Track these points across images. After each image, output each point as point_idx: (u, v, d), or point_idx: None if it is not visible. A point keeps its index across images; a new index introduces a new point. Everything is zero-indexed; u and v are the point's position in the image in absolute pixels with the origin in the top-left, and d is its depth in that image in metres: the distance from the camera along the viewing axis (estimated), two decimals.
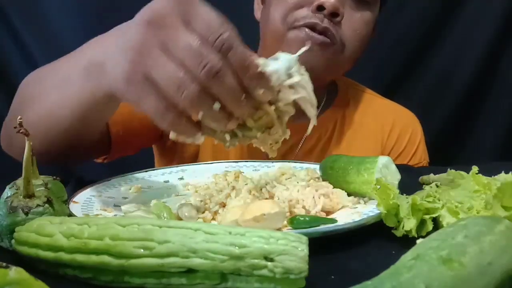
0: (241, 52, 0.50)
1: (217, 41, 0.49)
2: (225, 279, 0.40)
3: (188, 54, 0.49)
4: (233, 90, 0.50)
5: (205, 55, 0.49)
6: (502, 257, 0.37)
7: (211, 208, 0.60)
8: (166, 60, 0.49)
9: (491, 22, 1.44)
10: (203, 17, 0.50)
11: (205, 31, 0.50)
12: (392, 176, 0.62)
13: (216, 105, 0.50)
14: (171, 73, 0.49)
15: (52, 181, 0.55)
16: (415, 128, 1.09)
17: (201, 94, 0.49)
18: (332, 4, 0.87)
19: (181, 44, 0.49)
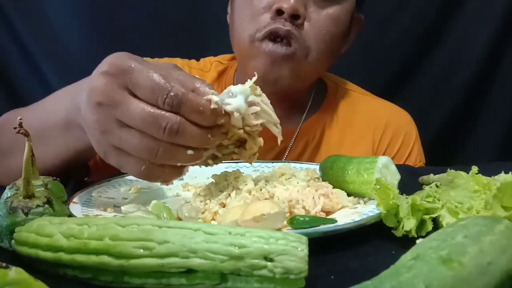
0: (191, 100, 0.53)
1: (166, 101, 0.52)
2: (225, 279, 0.40)
3: (146, 123, 0.52)
4: (199, 136, 0.54)
5: (161, 119, 0.52)
6: (502, 257, 0.37)
7: (211, 209, 0.60)
8: (128, 134, 0.53)
9: (491, 22, 1.44)
10: (145, 83, 0.52)
11: (151, 95, 0.52)
12: (392, 176, 0.62)
13: (189, 151, 0.55)
14: (138, 143, 0.53)
15: (52, 181, 0.55)
16: (409, 130, 1.06)
17: (172, 149, 0.54)
18: (291, 6, 0.85)
19: (135, 115, 0.52)
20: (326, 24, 0.90)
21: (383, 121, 1.05)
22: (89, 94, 0.55)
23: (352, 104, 1.07)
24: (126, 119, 0.53)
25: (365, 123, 1.04)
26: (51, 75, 1.47)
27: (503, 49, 1.46)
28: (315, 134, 1.02)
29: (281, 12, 0.85)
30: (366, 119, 1.05)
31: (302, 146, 1.01)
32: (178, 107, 0.52)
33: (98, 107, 0.54)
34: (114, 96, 0.53)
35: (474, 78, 1.48)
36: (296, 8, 0.85)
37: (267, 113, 0.61)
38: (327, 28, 0.90)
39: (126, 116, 0.53)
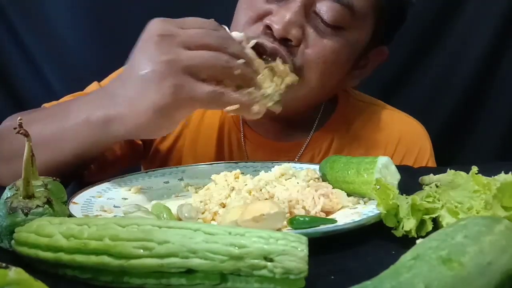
0: (232, 40, 0.66)
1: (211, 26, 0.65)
2: (225, 279, 0.40)
3: (197, 36, 0.63)
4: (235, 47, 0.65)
5: (214, 31, 0.64)
6: (501, 257, 0.37)
7: (211, 209, 0.60)
8: (195, 52, 0.62)
9: (491, 22, 1.44)
10: (190, 22, 0.66)
11: (199, 25, 0.65)
12: (392, 177, 0.62)
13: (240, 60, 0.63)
14: (208, 57, 0.62)
15: (51, 182, 0.55)
16: (423, 145, 0.99)
17: (230, 60, 0.62)
18: (281, 29, 0.75)
19: (196, 35, 0.63)
20: (324, 54, 0.80)
21: (395, 136, 0.98)
22: (147, 35, 0.64)
23: (363, 116, 1.00)
24: (189, 41, 0.62)
25: (377, 137, 0.97)
26: (51, 75, 1.47)
27: (503, 49, 1.46)
28: (321, 148, 0.97)
29: (271, 29, 0.77)
30: (378, 133, 0.98)
31: (308, 159, 0.96)
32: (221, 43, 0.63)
33: (160, 39, 0.62)
34: (172, 29, 0.63)
35: (474, 78, 1.48)
36: (287, 30, 0.76)
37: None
38: (324, 58, 0.80)
39: (189, 38, 0.62)
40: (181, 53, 0.61)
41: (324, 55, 0.80)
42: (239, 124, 0.98)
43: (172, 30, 0.63)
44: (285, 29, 0.76)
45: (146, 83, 0.62)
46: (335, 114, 0.99)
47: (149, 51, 0.63)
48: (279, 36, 0.76)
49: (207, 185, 0.67)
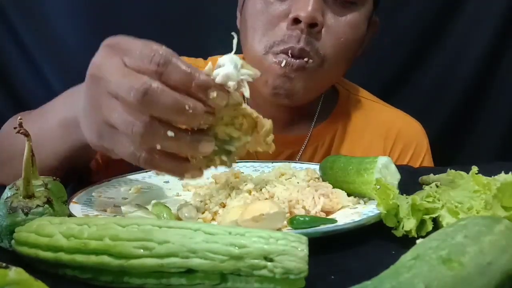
0: (179, 64, 0.48)
1: (151, 62, 0.48)
2: (225, 279, 0.40)
3: (122, 87, 0.48)
4: (174, 103, 0.48)
5: (133, 81, 0.48)
6: (501, 257, 0.37)
7: (211, 209, 0.60)
8: (113, 102, 0.50)
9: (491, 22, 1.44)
10: (134, 48, 0.50)
11: (138, 58, 0.49)
12: (392, 176, 0.62)
13: (169, 132, 0.48)
14: (119, 115, 0.49)
15: (52, 181, 0.55)
16: (420, 140, 1.03)
17: (148, 126, 0.48)
18: (308, 15, 0.81)
19: (117, 81, 0.49)
20: (344, 31, 0.86)
21: (394, 131, 1.02)
22: (88, 71, 0.54)
23: (363, 112, 1.04)
24: (111, 88, 0.50)
25: (376, 132, 1.02)
26: (51, 75, 1.47)
27: (503, 49, 1.46)
28: (324, 141, 1.00)
29: (298, 21, 0.82)
30: (377, 129, 1.02)
31: (311, 152, 0.99)
32: (163, 68, 0.48)
33: (91, 80, 0.52)
34: (106, 67, 0.51)
35: (474, 78, 1.48)
36: (314, 16, 0.82)
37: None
38: (345, 36, 0.87)
39: (112, 84, 0.49)
40: (103, 101, 0.51)
41: (345, 33, 0.86)
42: None
43: (107, 69, 0.51)
44: (311, 16, 0.81)
45: (83, 111, 0.56)
46: (337, 108, 1.03)
47: (85, 85, 0.54)
48: (307, 23, 0.81)
49: (207, 185, 0.67)
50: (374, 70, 1.47)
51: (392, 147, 1.01)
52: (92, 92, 0.52)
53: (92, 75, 0.53)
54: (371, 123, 1.03)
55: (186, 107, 0.48)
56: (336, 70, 0.91)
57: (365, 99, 1.07)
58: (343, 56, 0.88)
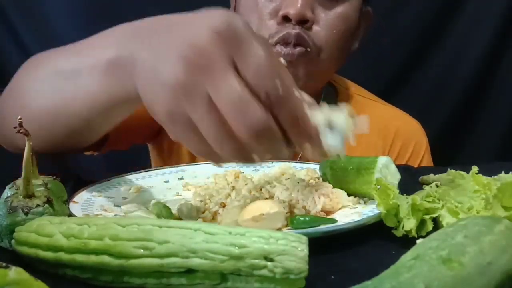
0: (294, 104, 0.45)
1: (272, 91, 0.44)
2: (225, 279, 0.40)
3: (232, 107, 0.43)
4: (275, 148, 0.46)
5: (251, 110, 0.43)
6: (502, 257, 0.37)
7: (211, 208, 0.60)
8: (207, 110, 0.44)
9: (491, 22, 1.44)
10: (254, 60, 0.44)
11: (255, 77, 0.44)
12: (392, 176, 0.62)
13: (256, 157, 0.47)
14: (212, 126, 0.44)
15: (52, 181, 0.55)
16: (419, 139, 1.03)
17: (240, 150, 0.45)
18: (297, 12, 0.82)
19: (225, 93, 0.43)
20: (336, 24, 0.87)
21: (392, 131, 1.02)
22: (184, 47, 0.45)
23: (362, 110, 1.01)
24: (215, 93, 0.43)
25: (375, 131, 1.01)
26: None
27: (503, 49, 1.46)
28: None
29: (288, 18, 0.83)
30: (376, 128, 1.01)
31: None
32: (276, 103, 0.44)
33: (191, 68, 0.44)
34: (213, 60, 0.44)
35: (474, 78, 1.48)
36: (303, 13, 0.83)
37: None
38: (337, 28, 0.88)
39: (217, 88, 0.43)
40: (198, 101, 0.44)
41: (336, 26, 0.87)
42: None
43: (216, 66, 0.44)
44: (300, 13, 0.82)
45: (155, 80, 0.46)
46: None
47: (176, 61, 0.45)
48: (297, 20, 0.82)
49: (207, 185, 0.67)
50: (374, 70, 1.47)
51: (391, 146, 1.01)
52: (186, 80, 0.44)
53: (195, 63, 0.44)
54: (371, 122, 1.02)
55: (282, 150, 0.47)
56: (333, 61, 0.92)
57: (363, 97, 1.07)
58: (337, 48, 0.89)
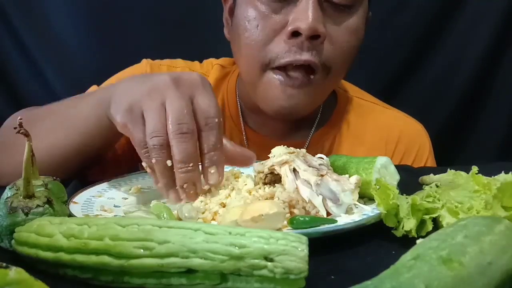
0: (219, 137, 0.60)
1: (207, 118, 0.59)
2: (225, 279, 0.40)
3: (176, 112, 0.58)
4: (188, 154, 0.57)
5: (187, 118, 0.58)
6: (502, 257, 0.37)
7: (211, 208, 0.60)
8: (158, 111, 0.59)
9: (491, 22, 1.44)
10: (206, 98, 0.60)
11: (202, 109, 0.59)
12: (391, 177, 0.62)
13: (168, 161, 0.58)
14: (154, 120, 0.58)
15: (52, 181, 0.55)
16: (422, 143, 1.01)
17: (163, 144, 0.58)
18: (309, 27, 0.75)
19: (176, 104, 0.59)
20: (347, 39, 0.82)
21: (395, 134, 0.99)
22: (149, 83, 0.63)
23: (363, 115, 1.01)
24: (169, 101, 0.59)
25: (377, 136, 0.99)
26: (51, 75, 1.47)
27: (503, 49, 1.46)
28: (324, 146, 0.97)
29: (298, 33, 0.76)
30: (378, 132, 0.99)
31: None
32: (207, 128, 0.59)
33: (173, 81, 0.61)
34: (181, 87, 0.61)
35: (474, 78, 1.48)
36: (316, 28, 0.75)
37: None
38: (348, 43, 0.82)
39: (172, 99, 0.59)
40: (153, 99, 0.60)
41: (347, 41, 0.82)
42: (240, 126, 0.98)
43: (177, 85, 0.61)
44: (312, 28, 0.75)
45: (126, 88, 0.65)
46: (336, 112, 1.00)
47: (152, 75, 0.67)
48: (309, 35, 0.76)
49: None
50: (374, 70, 1.47)
51: (395, 151, 0.98)
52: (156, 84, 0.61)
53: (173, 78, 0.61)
54: (371, 126, 1.00)
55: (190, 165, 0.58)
56: (339, 77, 0.90)
57: (364, 101, 1.04)
58: (347, 63, 0.85)
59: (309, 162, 0.61)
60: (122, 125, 0.62)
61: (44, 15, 1.44)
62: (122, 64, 1.04)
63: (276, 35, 0.79)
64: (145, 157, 0.60)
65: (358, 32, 0.84)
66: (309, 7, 0.76)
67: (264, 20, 0.80)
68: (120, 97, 0.64)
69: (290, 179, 0.59)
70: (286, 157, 0.61)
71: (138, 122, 0.60)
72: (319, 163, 0.61)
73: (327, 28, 0.79)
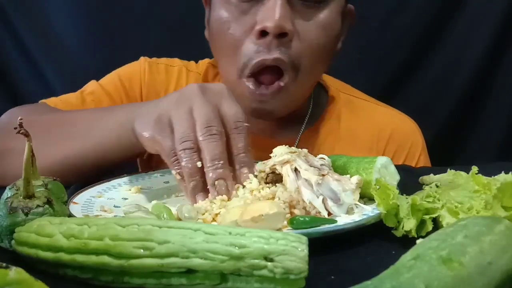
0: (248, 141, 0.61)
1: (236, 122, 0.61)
2: (225, 279, 0.40)
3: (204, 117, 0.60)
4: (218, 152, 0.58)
5: (215, 122, 0.60)
6: (502, 257, 0.37)
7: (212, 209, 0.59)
8: (186, 117, 0.60)
9: (491, 22, 1.44)
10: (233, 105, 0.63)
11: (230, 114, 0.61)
12: (391, 177, 0.62)
13: (199, 163, 0.59)
14: (183, 126, 0.60)
15: (52, 181, 0.55)
16: (415, 140, 0.99)
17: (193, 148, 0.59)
18: (276, 25, 0.74)
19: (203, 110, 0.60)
20: (317, 35, 0.80)
21: (387, 132, 0.98)
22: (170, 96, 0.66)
23: (355, 112, 1.00)
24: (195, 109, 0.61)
25: (368, 133, 0.97)
26: (51, 75, 1.47)
27: (503, 49, 1.46)
28: (315, 144, 0.96)
29: (266, 33, 0.76)
30: (370, 129, 0.98)
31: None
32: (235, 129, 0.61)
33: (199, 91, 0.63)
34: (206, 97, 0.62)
35: (474, 78, 1.48)
36: (282, 26, 0.75)
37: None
38: (319, 39, 0.81)
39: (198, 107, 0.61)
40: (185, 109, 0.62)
41: (318, 37, 0.80)
42: None
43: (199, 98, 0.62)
44: (278, 26, 0.75)
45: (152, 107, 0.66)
46: (327, 109, 0.99)
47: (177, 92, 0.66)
48: (276, 34, 0.76)
49: None
50: (374, 70, 1.47)
51: (385, 149, 0.97)
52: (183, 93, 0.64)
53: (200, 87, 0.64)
54: (363, 123, 0.99)
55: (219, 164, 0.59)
56: (314, 75, 0.87)
57: (356, 98, 1.03)
58: (318, 61, 0.84)
59: (310, 162, 0.61)
60: (150, 138, 0.63)
61: (44, 15, 1.44)
62: (122, 64, 1.04)
63: (247, 36, 0.79)
64: (175, 165, 0.60)
65: (330, 27, 0.82)
66: (276, 5, 0.75)
67: (234, 22, 0.80)
68: (148, 111, 0.65)
69: (292, 179, 0.59)
70: (288, 157, 0.61)
71: (166, 131, 0.61)
72: (320, 163, 0.61)
73: (297, 24, 0.78)
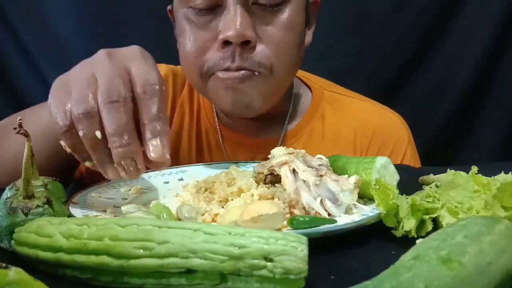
0: (161, 106, 0.53)
1: (145, 86, 0.53)
2: (225, 280, 0.40)
3: (107, 81, 0.53)
4: (120, 125, 0.51)
5: (118, 86, 0.52)
6: (502, 257, 0.37)
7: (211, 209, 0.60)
8: (87, 82, 0.53)
9: (491, 22, 1.44)
10: (145, 66, 0.55)
11: (140, 76, 0.54)
12: (391, 177, 0.62)
13: (98, 132, 0.52)
14: (81, 90, 0.53)
15: (51, 182, 0.55)
16: (399, 135, 0.97)
17: (90, 112, 0.52)
18: (237, 35, 0.74)
19: (107, 73, 0.53)
20: (281, 36, 0.79)
21: (370, 128, 0.96)
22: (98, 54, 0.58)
23: (338, 109, 0.99)
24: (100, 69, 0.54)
25: (352, 130, 0.96)
26: (51, 75, 1.47)
27: (503, 49, 1.46)
28: (299, 141, 0.95)
29: (229, 42, 0.76)
30: (353, 126, 0.97)
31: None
32: (145, 95, 0.53)
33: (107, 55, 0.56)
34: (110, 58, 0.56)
35: (474, 78, 1.48)
36: (243, 34, 0.75)
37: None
38: (284, 40, 0.80)
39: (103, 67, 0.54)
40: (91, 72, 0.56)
41: (282, 37, 0.79)
42: (215, 125, 0.98)
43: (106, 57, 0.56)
44: (240, 35, 0.75)
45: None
46: (311, 106, 0.98)
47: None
48: (238, 42, 0.76)
49: None
50: (374, 70, 1.47)
51: (369, 146, 0.96)
52: (89, 59, 0.57)
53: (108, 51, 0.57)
54: (347, 120, 0.98)
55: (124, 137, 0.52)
56: (289, 71, 0.86)
57: (339, 94, 1.02)
58: (289, 59, 0.82)
59: (308, 162, 0.61)
60: (49, 107, 0.55)
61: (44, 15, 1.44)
62: None
63: (210, 45, 0.79)
64: (68, 136, 0.54)
65: (292, 25, 0.81)
66: (236, 15, 0.75)
67: (195, 33, 0.80)
68: (57, 82, 0.58)
69: (290, 180, 0.59)
70: (286, 158, 0.61)
71: (61, 98, 0.54)
72: (318, 164, 0.61)
73: (259, 30, 0.78)
